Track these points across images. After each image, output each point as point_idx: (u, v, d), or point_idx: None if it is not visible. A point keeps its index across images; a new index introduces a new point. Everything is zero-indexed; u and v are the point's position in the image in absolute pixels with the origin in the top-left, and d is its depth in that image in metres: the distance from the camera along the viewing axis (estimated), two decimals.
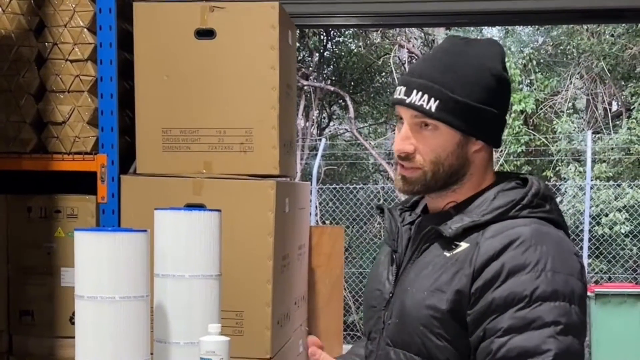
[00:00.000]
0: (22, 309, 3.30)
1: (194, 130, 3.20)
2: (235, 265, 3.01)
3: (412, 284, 1.70)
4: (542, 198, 1.72)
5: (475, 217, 1.67)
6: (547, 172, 10.91)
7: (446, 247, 1.68)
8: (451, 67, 1.69)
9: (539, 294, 1.56)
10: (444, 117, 1.67)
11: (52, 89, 3.22)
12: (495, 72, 1.71)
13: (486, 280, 1.60)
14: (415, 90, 1.69)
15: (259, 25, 3.20)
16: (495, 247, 1.61)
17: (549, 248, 1.61)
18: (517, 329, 1.55)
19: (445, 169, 1.71)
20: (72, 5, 3.20)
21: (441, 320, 1.63)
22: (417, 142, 1.71)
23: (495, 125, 1.75)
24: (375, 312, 1.80)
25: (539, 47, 11.77)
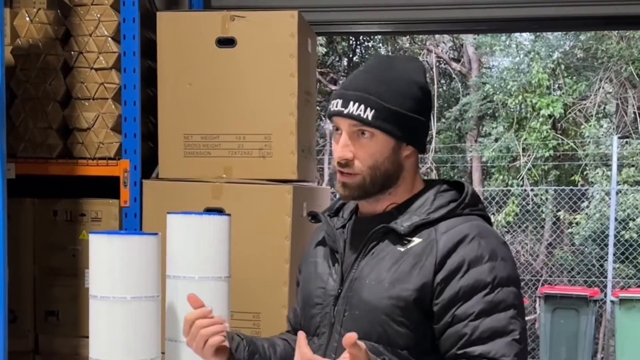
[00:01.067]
0: (48, 310, 3.41)
1: (214, 136, 3.29)
2: (252, 268, 3.10)
3: (368, 277, 1.83)
4: (476, 198, 1.92)
5: (423, 216, 1.85)
6: (575, 177, 10.87)
7: (398, 242, 1.83)
8: (383, 80, 1.85)
9: (498, 280, 1.77)
10: (380, 124, 1.83)
11: (78, 96, 3.33)
12: (421, 84, 1.89)
13: (450, 271, 1.77)
14: (352, 101, 1.83)
15: (278, 34, 3.27)
16: (452, 242, 1.79)
17: (495, 240, 1.84)
18: (486, 312, 1.74)
19: (381, 173, 1.86)
20: (97, 15, 3.30)
21: (403, 308, 1.78)
22: (355, 149, 1.85)
23: (422, 132, 1.92)
24: (320, 308, 1.91)
25: (568, 52, 11.72)
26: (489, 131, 12.15)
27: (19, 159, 3.27)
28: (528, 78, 11.10)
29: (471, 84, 12.42)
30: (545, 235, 11.08)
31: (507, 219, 10.63)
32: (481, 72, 12.61)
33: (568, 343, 7.37)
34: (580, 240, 10.44)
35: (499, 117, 11.89)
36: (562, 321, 7.33)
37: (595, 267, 9.85)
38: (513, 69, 11.66)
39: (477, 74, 12.48)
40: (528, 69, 11.31)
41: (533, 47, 11.61)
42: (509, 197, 10.83)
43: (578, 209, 10.47)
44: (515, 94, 11.18)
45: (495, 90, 11.63)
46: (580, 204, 10.40)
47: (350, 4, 4.27)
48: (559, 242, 11.10)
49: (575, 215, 10.51)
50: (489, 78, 12.23)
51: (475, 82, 12.26)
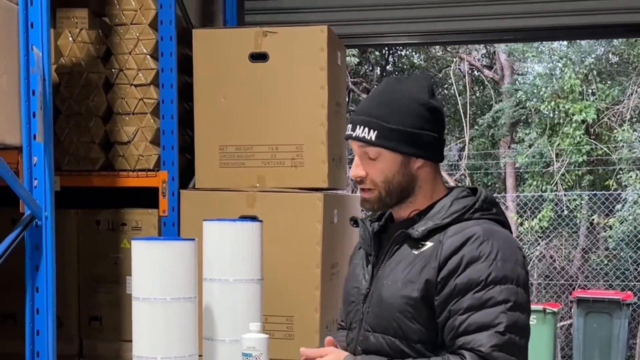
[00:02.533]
0: (92, 315, 3.57)
1: (248, 147, 3.42)
2: (285, 273, 3.23)
3: (387, 278, 2.01)
4: (489, 203, 2.04)
5: (437, 221, 1.99)
6: (609, 181, 10.85)
7: (414, 246, 1.99)
8: (385, 103, 2.02)
9: (492, 279, 1.88)
10: (383, 143, 1.99)
11: (119, 111, 3.49)
12: (423, 102, 2.02)
13: (449, 270, 1.91)
14: (358, 125, 2.01)
15: (308, 48, 3.41)
16: (455, 244, 1.92)
17: (498, 242, 1.94)
18: (475, 308, 1.87)
19: (395, 186, 2.02)
20: (136, 34, 3.46)
21: (414, 306, 1.94)
22: (367, 167, 2.03)
23: (431, 145, 2.04)
24: (354, 306, 2.09)
25: (600, 57, 11.70)
26: (522, 137, 12.15)
27: (63, 172, 3.43)
28: (561, 84, 11.10)
29: (504, 90, 12.44)
30: (580, 240, 11.07)
31: (541, 225, 10.64)
32: (513, 78, 12.63)
33: (601, 347, 7.38)
34: (613, 244, 10.41)
35: (532, 123, 11.90)
36: (595, 325, 7.34)
37: (629, 271, 9.82)
38: (545, 75, 11.67)
39: (509, 81, 12.49)
40: (560, 74, 11.31)
41: (565, 53, 11.61)
42: (542, 203, 10.84)
43: (611, 213, 10.45)
44: (548, 100, 11.19)
45: (527, 96, 11.64)
46: (613, 208, 10.38)
47: (379, 17, 4.39)
48: (594, 246, 11.07)
49: (609, 220, 10.49)
50: (521, 85, 12.25)
51: (507, 88, 12.28)
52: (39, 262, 2.66)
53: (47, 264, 2.67)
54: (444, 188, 2.10)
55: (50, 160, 2.67)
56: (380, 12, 4.37)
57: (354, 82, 13.07)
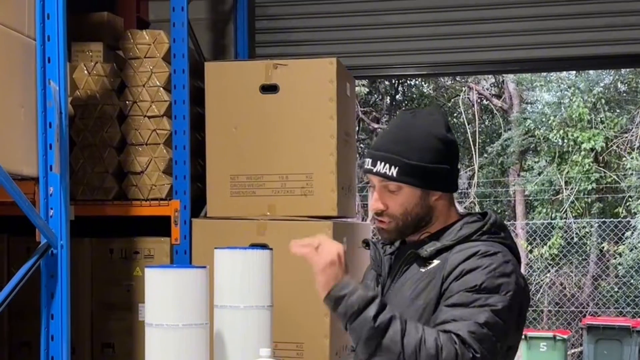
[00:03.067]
0: (104, 342, 3.62)
1: (259, 176, 3.49)
2: (295, 300, 3.26)
3: (396, 297, 2.08)
4: (498, 227, 2.11)
5: (445, 242, 2.08)
6: (619, 209, 10.86)
7: (422, 265, 2.07)
8: (404, 139, 2.10)
9: (485, 286, 1.95)
10: (404, 179, 2.08)
11: (132, 142, 3.56)
12: (440, 136, 2.11)
13: (451, 280, 2.00)
14: (379, 161, 2.10)
15: (318, 80, 3.48)
16: (460, 259, 2.01)
17: (500, 260, 2.01)
18: (460, 305, 1.94)
19: (412, 217, 2.11)
20: (149, 67, 3.54)
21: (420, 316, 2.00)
22: (387, 201, 2.11)
23: (448, 177, 2.13)
24: None
25: (608, 86, 11.77)
26: (531, 165, 12.19)
27: (77, 202, 3.48)
28: (569, 112, 11.17)
29: (512, 119, 12.51)
30: (590, 268, 11.06)
31: (551, 252, 10.65)
32: (522, 107, 12.70)
33: None
34: (623, 271, 10.41)
35: (541, 152, 11.95)
36: (606, 352, 7.33)
37: (639, 298, 9.80)
38: (554, 104, 11.74)
39: (518, 110, 12.56)
40: (569, 103, 11.38)
41: (574, 82, 11.69)
42: (551, 230, 10.85)
43: (620, 240, 10.45)
44: (556, 129, 11.25)
45: (536, 125, 11.71)
46: (623, 236, 10.39)
47: (387, 48, 4.47)
48: (604, 273, 11.06)
49: (618, 247, 10.49)
50: (530, 113, 12.32)
51: (516, 117, 12.35)
52: (54, 289, 2.72)
53: (62, 292, 2.73)
54: (457, 215, 2.17)
55: (66, 190, 2.73)
56: (388, 44, 4.46)
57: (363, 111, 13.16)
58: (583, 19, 4.34)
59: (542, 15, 4.36)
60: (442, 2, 4.42)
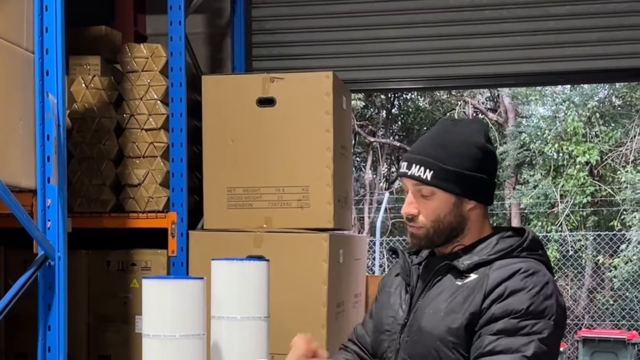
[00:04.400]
0: (101, 354, 3.62)
1: (255, 188, 3.50)
2: (292, 311, 3.27)
3: (428, 307, 2.02)
4: (536, 244, 2.07)
5: (483, 256, 2.02)
6: (614, 222, 10.91)
7: (458, 277, 2.02)
8: (442, 144, 2.06)
9: (531, 310, 1.90)
10: (438, 183, 2.03)
11: (129, 154, 3.58)
12: (479, 145, 2.06)
13: (493, 299, 1.93)
14: (414, 164, 2.05)
15: (314, 93, 3.50)
16: (502, 277, 1.95)
17: (542, 279, 1.97)
18: (507, 332, 1.89)
19: (445, 225, 2.05)
20: (147, 81, 3.56)
21: (455, 335, 1.95)
22: (419, 206, 2.06)
23: (484, 187, 2.08)
24: (389, 335, 2.10)
25: (603, 100, 11.86)
26: (526, 179, 12.25)
27: (75, 214, 3.48)
28: (564, 126, 11.23)
29: (508, 133, 12.57)
30: (586, 280, 11.09)
31: None
32: (517, 121, 12.77)
33: None
34: (619, 284, 10.44)
35: (536, 165, 12.01)
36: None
37: (635, 311, 9.83)
38: (549, 118, 11.81)
39: (513, 123, 12.63)
40: (564, 117, 11.44)
41: (569, 96, 11.75)
42: (547, 243, 10.88)
43: (615, 253, 10.49)
44: (551, 142, 11.30)
45: (531, 138, 11.77)
46: (618, 249, 10.42)
47: (383, 62, 4.51)
48: (600, 286, 11.08)
49: (613, 260, 10.53)
50: (525, 127, 12.37)
51: (511, 131, 12.41)
52: (51, 301, 2.73)
53: (59, 303, 2.74)
54: (490, 228, 2.13)
55: (63, 202, 2.75)
56: (384, 58, 4.50)
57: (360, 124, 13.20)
58: (577, 34, 4.37)
59: (536, 30, 4.39)
60: (437, 17, 4.45)
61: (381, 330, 2.14)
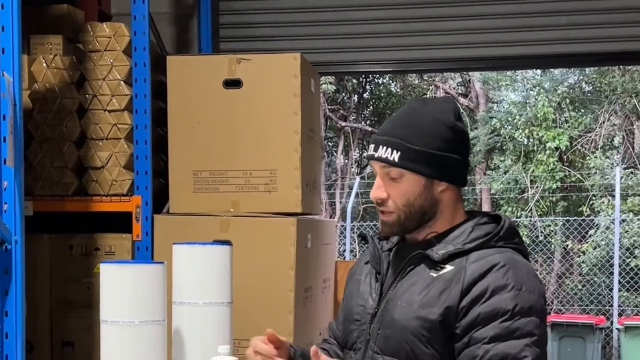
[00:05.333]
0: (64, 340, 3.54)
1: (222, 172, 3.44)
2: (259, 298, 3.23)
3: (401, 299, 1.94)
4: (512, 232, 1.99)
5: (458, 245, 1.93)
6: (583, 207, 10.98)
7: (432, 268, 1.93)
8: (409, 124, 1.98)
9: (518, 309, 1.83)
10: (406, 165, 1.94)
11: (92, 136, 3.49)
12: (449, 124, 1.98)
13: (473, 297, 1.85)
14: (381, 145, 1.97)
15: (282, 75, 3.43)
16: (479, 270, 1.87)
17: (522, 272, 1.90)
18: (500, 337, 1.81)
19: (416, 209, 1.97)
20: (110, 60, 3.48)
21: (429, 329, 1.87)
22: (388, 189, 1.98)
23: (456, 168, 1.99)
24: (359, 325, 2.02)
25: (573, 85, 11.90)
26: (497, 164, 12.29)
27: (36, 197, 3.42)
28: (534, 112, 11.27)
29: (479, 118, 12.59)
30: (555, 266, 11.16)
31: None
32: (488, 106, 12.79)
33: None
34: (587, 269, 10.52)
35: (507, 150, 12.04)
36: (569, 349, 7.39)
37: (602, 296, 9.91)
38: (519, 103, 11.84)
39: (484, 109, 12.65)
40: (534, 103, 11.48)
41: (539, 82, 11.78)
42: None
43: (584, 239, 10.56)
44: (522, 128, 11.33)
45: (502, 124, 11.79)
46: (587, 234, 10.50)
47: (352, 45, 4.45)
48: (569, 271, 11.16)
49: (582, 245, 10.60)
50: (496, 112, 12.40)
51: (482, 116, 12.43)
52: (8, 286, 2.65)
53: (16, 288, 2.66)
54: (464, 213, 2.05)
55: (20, 184, 2.66)
56: (354, 40, 4.44)
57: (331, 109, 13.15)
58: (547, 17, 4.34)
59: (506, 14, 4.35)
60: None
61: (350, 319, 2.06)
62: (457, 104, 2.13)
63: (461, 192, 2.06)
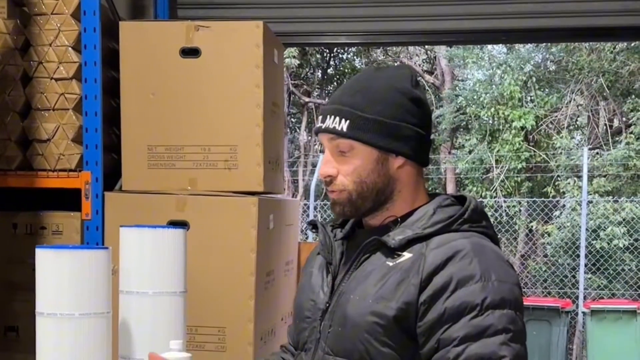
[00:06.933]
0: (8, 325, 3.33)
1: (179, 147, 3.24)
2: (217, 282, 3.05)
3: (354, 292, 1.74)
4: (479, 214, 1.79)
5: (417, 230, 1.73)
6: (548, 188, 10.94)
7: (388, 256, 1.73)
8: (360, 90, 1.77)
9: (489, 303, 1.63)
10: (356, 134, 1.74)
11: (37, 106, 3.26)
12: (405, 90, 1.77)
13: (435, 290, 1.65)
14: (329, 115, 1.77)
15: (243, 45, 3.23)
16: (441, 258, 1.67)
17: (491, 259, 1.69)
18: (472, 337, 1.61)
19: (369, 186, 1.76)
20: (57, 25, 3.24)
21: (385, 327, 1.67)
22: (338, 164, 1.77)
23: (413, 141, 1.78)
24: (309, 322, 1.83)
25: (539, 64, 11.84)
26: (462, 143, 12.21)
27: None
28: (500, 90, 11.19)
29: (444, 96, 12.49)
30: (519, 247, 11.13)
31: None
32: (454, 84, 12.69)
33: (540, 354, 7.38)
34: (552, 251, 10.50)
35: (472, 129, 11.96)
36: (535, 332, 7.33)
37: (568, 278, 9.89)
38: (485, 82, 11.75)
39: (450, 87, 12.54)
40: (500, 81, 11.39)
41: (505, 60, 11.69)
42: None
43: (550, 220, 10.53)
44: (487, 106, 11.25)
45: (468, 102, 11.69)
46: (552, 215, 10.47)
47: (317, 15, 4.26)
48: (533, 253, 11.14)
49: (547, 226, 10.58)
50: (461, 90, 12.31)
51: (448, 94, 12.33)
52: None
53: None
54: (426, 195, 1.84)
55: None
56: (318, 9, 4.25)
57: (294, 84, 12.96)
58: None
59: None
60: None
61: (301, 316, 1.86)
62: (415, 71, 1.91)
63: (422, 171, 1.85)
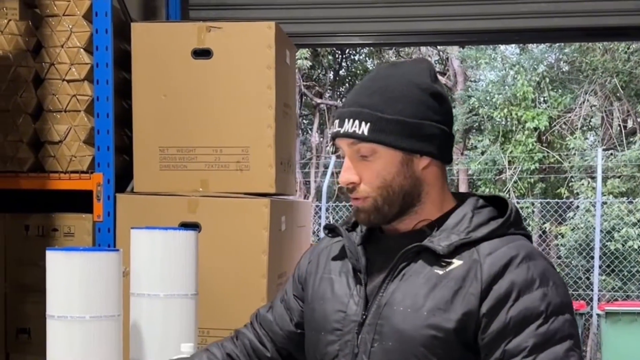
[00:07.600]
0: (20, 327, 3.33)
1: (190, 148, 3.23)
2: (229, 284, 3.03)
3: (401, 304, 1.63)
4: (520, 216, 1.72)
5: (462, 235, 1.64)
6: (561, 189, 10.89)
7: (435, 264, 1.63)
8: (378, 90, 1.67)
9: (552, 308, 1.57)
10: (378, 137, 1.64)
11: (49, 108, 3.26)
12: (424, 86, 1.67)
13: (497, 300, 1.58)
14: (346, 119, 1.66)
15: (255, 45, 3.22)
16: (498, 265, 1.59)
17: (544, 263, 1.64)
18: (540, 346, 1.55)
19: (395, 191, 1.66)
20: (69, 26, 3.24)
21: (443, 340, 1.59)
22: (360, 170, 1.67)
23: (437, 139, 1.68)
24: (340, 335, 1.70)
25: (553, 65, 11.78)
26: (475, 144, 12.17)
27: None
28: (513, 91, 11.14)
29: (457, 97, 12.45)
30: None
31: None
32: (466, 85, 12.65)
33: None
34: (565, 252, 10.44)
35: (485, 130, 11.92)
36: None
37: (582, 280, 9.83)
38: (498, 83, 11.70)
39: (462, 87, 12.50)
40: (513, 82, 11.34)
41: (518, 60, 11.64)
42: None
43: (563, 221, 10.47)
44: (500, 107, 11.20)
45: (480, 103, 11.65)
46: (565, 216, 10.41)
47: (330, 15, 4.24)
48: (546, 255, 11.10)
49: (561, 228, 10.52)
50: (474, 91, 12.26)
51: (460, 95, 12.29)
52: None
53: None
54: (452, 196, 1.74)
55: None
56: (331, 10, 4.22)
57: (306, 85, 12.95)
58: None
59: None
60: None
61: (328, 328, 1.72)
62: (433, 64, 1.83)
63: (446, 170, 1.75)
